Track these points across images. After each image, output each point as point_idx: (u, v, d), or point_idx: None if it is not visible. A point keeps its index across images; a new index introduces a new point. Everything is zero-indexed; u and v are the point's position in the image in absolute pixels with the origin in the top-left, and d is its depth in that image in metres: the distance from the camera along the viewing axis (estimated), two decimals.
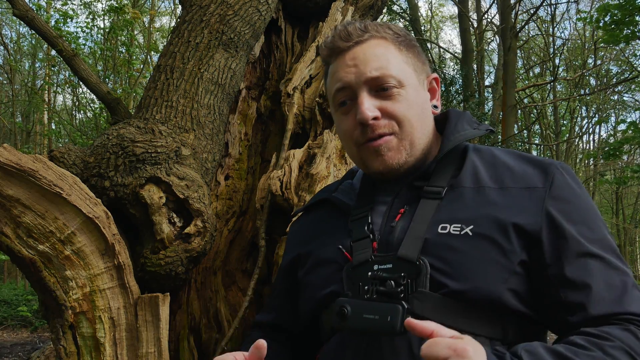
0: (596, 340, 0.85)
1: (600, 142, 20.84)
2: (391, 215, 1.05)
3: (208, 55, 2.48)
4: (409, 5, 13.49)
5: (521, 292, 0.94)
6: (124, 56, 10.75)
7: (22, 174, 1.72)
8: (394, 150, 1.05)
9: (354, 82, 1.05)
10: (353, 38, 1.06)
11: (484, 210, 0.97)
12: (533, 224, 0.95)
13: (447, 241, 0.95)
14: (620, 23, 8.10)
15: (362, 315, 0.92)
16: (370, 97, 1.04)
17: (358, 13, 3.19)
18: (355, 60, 1.05)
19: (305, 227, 1.26)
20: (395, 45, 1.07)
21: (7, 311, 10.28)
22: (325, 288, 1.06)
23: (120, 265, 1.88)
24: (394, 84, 1.04)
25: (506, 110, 10.24)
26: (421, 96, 1.08)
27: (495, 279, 0.92)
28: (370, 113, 1.03)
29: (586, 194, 1.01)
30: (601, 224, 0.98)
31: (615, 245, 0.97)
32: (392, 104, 1.04)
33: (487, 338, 0.92)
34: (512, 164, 1.03)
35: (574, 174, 1.03)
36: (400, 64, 1.06)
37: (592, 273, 0.92)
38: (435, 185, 1.03)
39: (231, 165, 2.76)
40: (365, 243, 1.03)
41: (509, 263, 0.93)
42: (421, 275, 0.93)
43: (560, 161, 1.08)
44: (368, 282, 0.96)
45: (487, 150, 1.09)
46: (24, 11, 3.29)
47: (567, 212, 0.96)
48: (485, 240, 0.94)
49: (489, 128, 1.11)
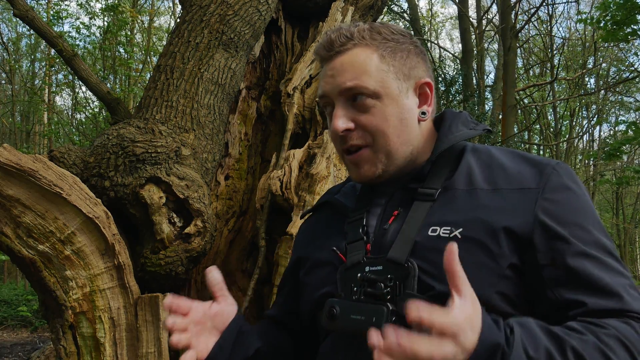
0: (592, 327, 0.85)
1: (600, 142, 20.86)
2: (385, 218, 1.06)
3: (208, 55, 2.48)
4: (409, 5, 13.49)
5: (511, 295, 0.93)
6: (122, 56, 10.75)
7: (22, 174, 1.72)
8: (368, 163, 1.06)
9: (330, 92, 1.06)
10: (334, 48, 1.06)
11: (474, 213, 0.97)
12: (524, 227, 0.94)
13: (437, 244, 0.95)
14: (621, 23, 8.10)
15: (350, 316, 0.93)
16: (345, 108, 1.05)
17: (358, 13, 3.19)
18: (333, 70, 1.06)
19: (308, 229, 1.27)
20: (378, 53, 1.06)
21: (7, 311, 10.28)
22: (321, 289, 1.07)
23: (120, 265, 1.88)
24: (369, 95, 1.04)
25: (506, 110, 10.24)
26: (402, 106, 1.07)
27: (483, 283, 0.91)
28: (341, 125, 1.04)
29: (584, 195, 0.99)
30: (596, 226, 0.96)
31: (612, 248, 0.96)
32: (365, 116, 1.04)
33: None
34: (507, 165, 1.03)
35: (573, 174, 1.01)
36: (379, 74, 1.05)
37: (588, 272, 0.91)
38: (430, 187, 1.03)
39: (231, 165, 2.76)
40: (359, 245, 1.04)
41: (498, 267, 0.93)
42: (409, 277, 0.94)
43: (560, 160, 1.07)
44: (357, 284, 0.97)
45: (484, 151, 1.09)
46: (24, 11, 3.29)
47: (559, 213, 0.95)
48: (474, 244, 0.94)
49: (486, 128, 1.11)
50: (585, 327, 0.86)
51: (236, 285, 2.53)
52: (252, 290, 2.30)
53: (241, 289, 2.51)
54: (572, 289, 0.91)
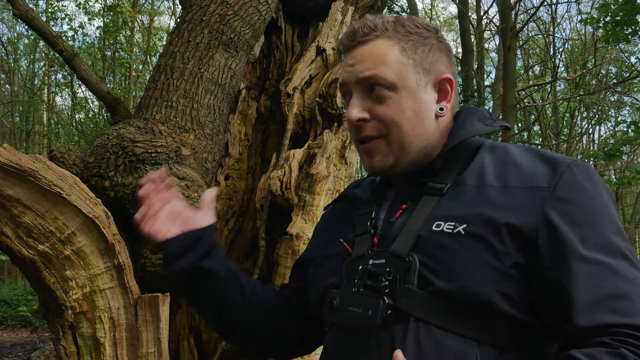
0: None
1: (600, 142, 20.86)
2: (393, 211, 1.05)
3: (208, 55, 2.48)
4: (409, 5, 13.49)
5: (514, 295, 0.90)
6: (122, 57, 10.75)
7: (22, 174, 1.72)
8: (381, 154, 1.05)
9: (348, 80, 1.06)
10: (357, 37, 1.07)
11: (480, 209, 0.95)
12: (529, 225, 0.91)
13: (439, 239, 0.94)
14: (622, 23, 8.10)
15: (348, 308, 0.93)
16: (362, 97, 1.05)
17: (358, 13, 3.19)
18: (354, 59, 1.06)
19: (325, 221, 1.28)
20: (399, 45, 1.06)
21: (7, 311, 10.28)
22: (328, 279, 1.07)
23: (120, 265, 1.87)
24: (386, 86, 1.03)
25: (506, 110, 10.23)
26: (419, 99, 1.07)
27: (485, 280, 0.90)
28: (356, 115, 1.04)
29: (600, 195, 0.95)
30: (611, 227, 0.92)
31: (627, 251, 0.91)
32: (381, 107, 1.04)
33: (475, 341, 0.90)
34: (522, 162, 1.00)
35: (592, 172, 0.97)
36: (398, 66, 1.05)
37: (584, 279, 0.86)
38: (440, 182, 1.03)
39: (231, 165, 2.76)
40: (365, 238, 1.03)
41: (501, 265, 0.91)
42: (410, 272, 0.93)
43: (577, 159, 1.04)
44: (359, 276, 0.97)
45: (502, 148, 1.07)
46: (24, 11, 3.29)
47: (569, 213, 0.92)
48: (477, 240, 0.92)
49: (504, 124, 1.10)
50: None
51: None
52: None
53: None
54: (571, 297, 0.87)
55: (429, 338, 0.90)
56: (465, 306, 0.90)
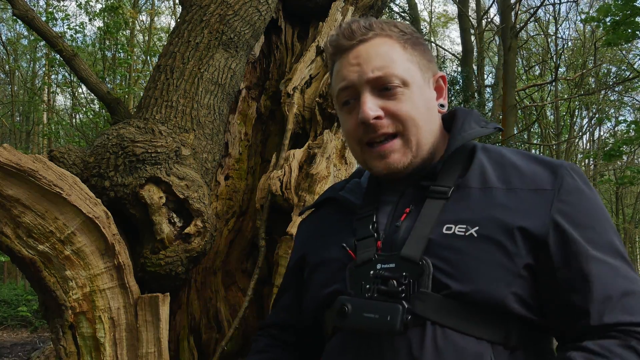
0: (594, 357, 0.83)
1: (600, 142, 20.85)
2: (396, 215, 1.05)
3: (208, 55, 2.48)
4: (409, 5, 13.49)
5: (525, 296, 0.91)
6: (122, 57, 10.75)
7: (22, 174, 1.72)
8: (399, 152, 1.04)
9: (357, 81, 1.04)
10: (357, 36, 1.06)
11: (490, 211, 0.96)
12: (540, 227, 0.93)
13: (452, 242, 0.94)
14: (622, 24, 8.09)
15: (363, 314, 0.91)
16: (373, 96, 1.04)
17: (358, 13, 3.19)
18: (359, 59, 1.04)
19: (312, 226, 1.25)
20: (400, 43, 1.07)
21: (7, 311, 10.28)
22: (329, 286, 1.05)
23: (120, 265, 1.87)
24: (398, 83, 1.03)
25: (506, 110, 10.24)
26: (426, 95, 1.07)
27: (499, 282, 0.90)
28: (372, 112, 1.02)
29: (596, 197, 0.98)
30: (610, 229, 0.96)
31: (623, 250, 0.94)
32: (395, 103, 1.03)
33: (489, 342, 0.90)
34: (520, 164, 1.01)
35: (584, 176, 1.01)
36: (405, 63, 1.05)
37: (596, 279, 0.89)
38: (442, 185, 1.02)
39: (231, 165, 2.76)
40: (369, 242, 1.02)
41: (514, 266, 0.91)
42: (424, 276, 0.92)
43: (570, 162, 1.06)
44: (370, 281, 0.95)
45: (495, 150, 1.08)
46: (24, 11, 3.29)
47: (574, 216, 0.94)
48: (490, 243, 0.93)
49: (497, 126, 1.10)
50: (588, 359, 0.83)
51: (236, 285, 2.53)
52: (252, 290, 2.30)
53: (241, 289, 2.51)
54: (578, 296, 0.89)
55: (446, 341, 0.90)
56: (480, 308, 0.91)
